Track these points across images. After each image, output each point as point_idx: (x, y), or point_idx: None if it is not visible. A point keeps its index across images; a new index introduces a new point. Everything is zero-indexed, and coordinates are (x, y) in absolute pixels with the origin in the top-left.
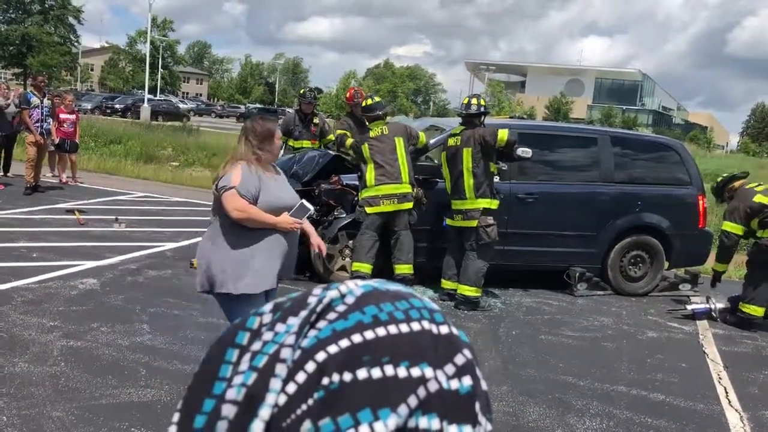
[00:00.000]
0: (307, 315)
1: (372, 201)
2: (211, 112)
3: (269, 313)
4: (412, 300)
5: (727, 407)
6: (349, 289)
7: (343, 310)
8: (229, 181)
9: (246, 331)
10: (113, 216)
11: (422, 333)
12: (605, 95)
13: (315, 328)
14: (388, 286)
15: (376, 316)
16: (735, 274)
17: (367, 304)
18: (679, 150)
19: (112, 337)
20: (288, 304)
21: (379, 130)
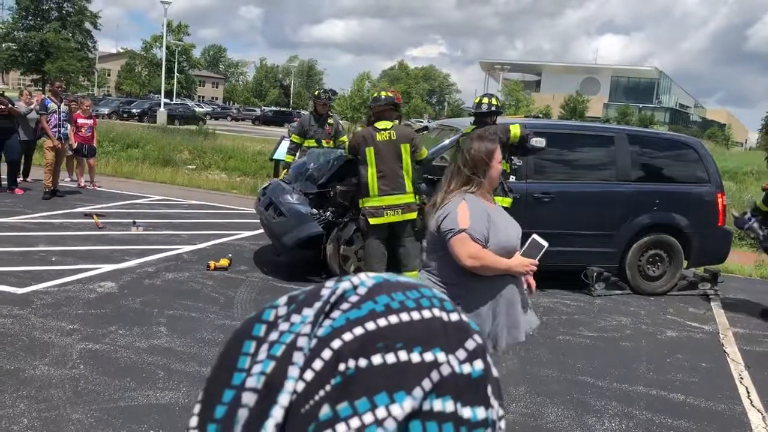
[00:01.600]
0: (321, 306)
1: (375, 212)
2: (227, 115)
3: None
4: (422, 290)
5: (749, 407)
6: (361, 280)
7: (356, 300)
8: (457, 223)
9: (262, 324)
10: (131, 219)
11: (433, 320)
12: (621, 93)
13: (329, 317)
14: (399, 278)
15: (388, 305)
16: (756, 273)
17: (379, 294)
18: (697, 147)
19: (131, 339)
20: (302, 297)
21: (387, 135)
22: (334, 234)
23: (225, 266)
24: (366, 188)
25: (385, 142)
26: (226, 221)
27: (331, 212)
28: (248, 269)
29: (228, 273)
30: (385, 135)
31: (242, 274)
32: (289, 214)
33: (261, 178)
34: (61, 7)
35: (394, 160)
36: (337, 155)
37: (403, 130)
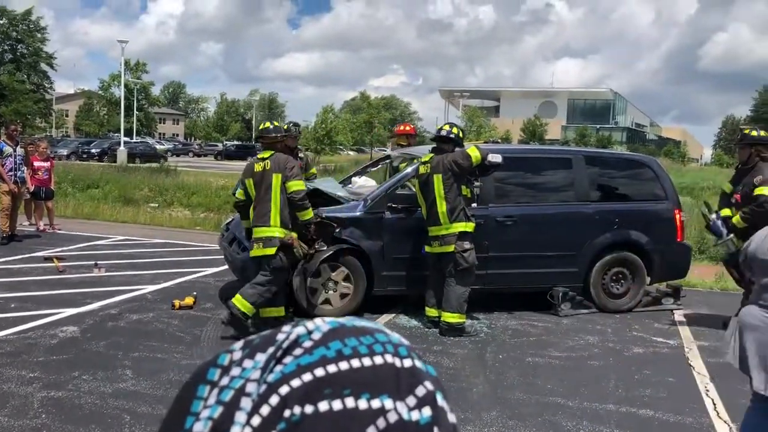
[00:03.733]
0: (274, 351)
1: (253, 243)
2: (188, 151)
3: (239, 350)
4: (378, 335)
5: (716, 419)
6: (316, 325)
7: (309, 345)
8: None
9: (217, 368)
10: (92, 261)
11: (384, 366)
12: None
13: (281, 363)
14: (356, 322)
15: (339, 351)
16: (716, 286)
17: (333, 339)
18: (653, 166)
19: (95, 384)
20: (257, 341)
21: (262, 165)
22: (301, 267)
23: (190, 305)
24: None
25: (259, 173)
26: (190, 259)
27: None
28: (214, 306)
29: (193, 311)
30: (260, 165)
31: (208, 311)
32: None
33: (225, 214)
34: (15, 49)
35: (265, 191)
36: None
37: (279, 160)
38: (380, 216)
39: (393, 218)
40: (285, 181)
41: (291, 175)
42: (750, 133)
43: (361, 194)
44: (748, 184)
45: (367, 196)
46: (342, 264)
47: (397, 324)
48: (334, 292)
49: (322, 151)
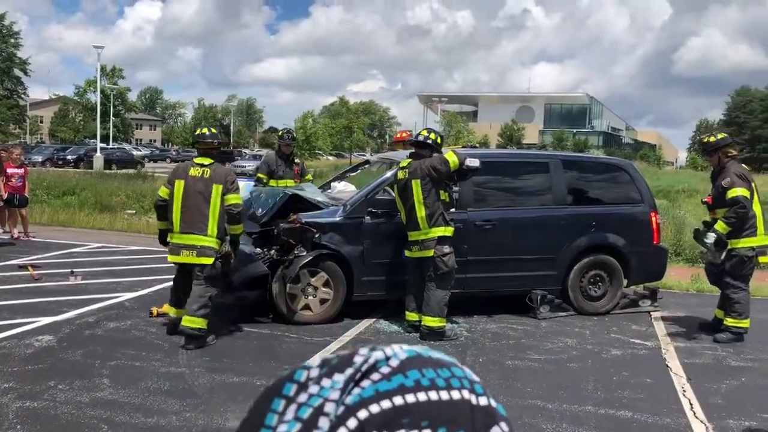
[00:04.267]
0: (353, 373)
1: (174, 249)
2: (166, 157)
3: (316, 368)
4: (454, 369)
5: (693, 419)
6: (394, 352)
7: (387, 372)
8: None
9: (293, 383)
10: (68, 269)
11: (462, 402)
12: (556, 120)
13: (359, 386)
14: (431, 353)
15: (418, 381)
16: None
17: (411, 368)
18: (629, 169)
19: (71, 394)
20: (335, 361)
21: (201, 171)
22: (280, 272)
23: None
24: (171, 222)
25: (197, 178)
26: (168, 266)
27: (275, 251)
28: None
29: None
30: (198, 171)
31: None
32: None
33: None
34: None
35: (201, 199)
36: (280, 193)
37: (221, 172)
38: (360, 221)
39: (373, 223)
40: (225, 193)
41: (231, 188)
42: (709, 140)
43: (340, 199)
44: (716, 186)
45: (346, 201)
46: (322, 269)
47: (377, 329)
48: (313, 298)
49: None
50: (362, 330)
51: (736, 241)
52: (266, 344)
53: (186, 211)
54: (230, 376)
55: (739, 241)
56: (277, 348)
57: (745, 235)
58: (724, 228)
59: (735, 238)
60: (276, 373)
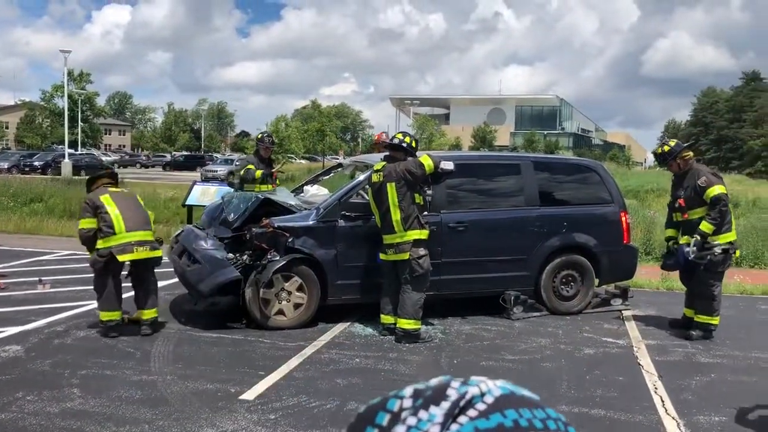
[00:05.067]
0: (451, 408)
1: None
2: (135, 162)
3: (410, 398)
4: (548, 410)
5: (665, 416)
6: (488, 388)
7: (484, 409)
8: None
9: (387, 413)
10: (36, 277)
11: None
12: (527, 122)
13: (457, 422)
14: (524, 392)
15: (516, 422)
16: (663, 286)
17: (507, 407)
18: (599, 170)
19: (40, 405)
20: (429, 393)
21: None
22: (253, 278)
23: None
24: (112, 228)
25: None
26: None
27: (248, 256)
28: (164, 320)
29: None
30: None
31: (158, 326)
32: (204, 260)
33: (174, 225)
34: None
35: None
36: (252, 198)
37: None
38: (333, 224)
39: (346, 226)
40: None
41: None
42: (663, 150)
43: (313, 203)
44: (690, 187)
45: (319, 205)
46: (295, 274)
47: (352, 332)
48: (287, 303)
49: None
50: (337, 334)
51: (715, 237)
52: (240, 350)
53: (126, 211)
54: (203, 383)
55: (718, 237)
56: (251, 354)
57: (724, 231)
58: (709, 228)
59: (714, 234)
60: (251, 380)
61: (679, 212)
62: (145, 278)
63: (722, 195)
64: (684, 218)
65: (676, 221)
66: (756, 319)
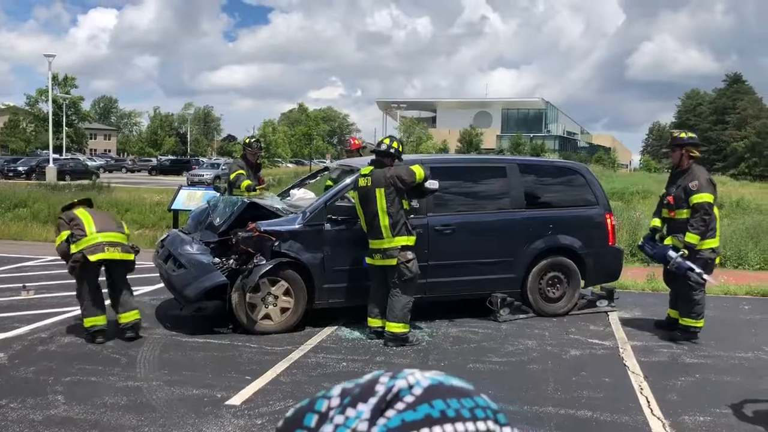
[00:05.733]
0: (377, 403)
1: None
2: (121, 167)
3: (337, 397)
4: (477, 399)
5: (650, 416)
6: (416, 380)
7: (412, 401)
8: None
9: (314, 414)
10: (20, 284)
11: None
12: (513, 125)
13: (384, 416)
14: (453, 381)
15: (443, 412)
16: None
17: (435, 397)
18: (584, 172)
19: (24, 412)
20: (357, 390)
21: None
22: (239, 282)
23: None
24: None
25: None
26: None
27: (234, 260)
28: (150, 326)
29: None
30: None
31: (144, 331)
32: (190, 264)
33: (160, 230)
34: None
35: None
36: (238, 202)
37: None
38: (320, 228)
39: (333, 230)
40: None
41: None
42: (680, 135)
43: (299, 207)
44: (682, 186)
45: (306, 209)
46: (282, 278)
47: (339, 336)
48: (274, 307)
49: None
50: (324, 338)
51: (699, 244)
52: (226, 355)
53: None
54: (189, 388)
55: (702, 243)
56: (238, 358)
57: (707, 237)
58: (695, 239)
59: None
60: (238, 385)
61: (666, 209)
62: (119, 283)
63: (705, 204)
64: (671, 216)
65: (664, 217)
66: (740, 319)
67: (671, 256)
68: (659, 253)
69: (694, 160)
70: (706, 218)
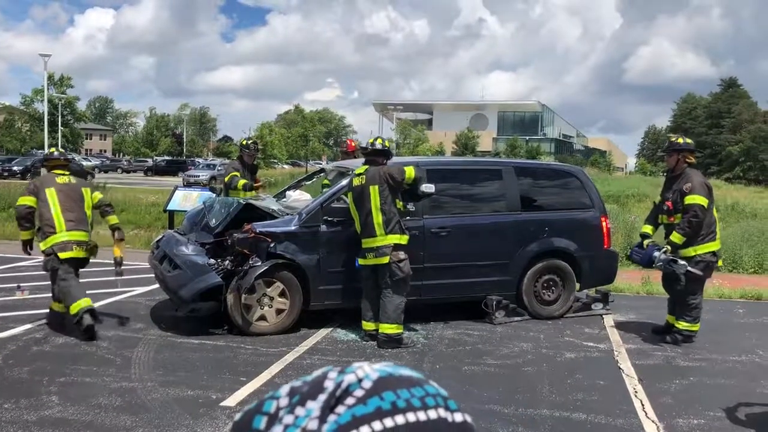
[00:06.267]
0: (327, 399)
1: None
2: (117, 167)
3: (286, 397)
4: (427, 387)
5: (645, 419)
6: (365, 373)
7: (361, 395)
8: None
9: (263, 415)
10: (15, 284)
11: (438, 421)
12: (509, 127)
13: (334, 412)
14: (402, 371)
15: (394, 403)
16: (643, 290)
17: (385, 389)
18: (579, 175)
19: (17, 413)
20: (305, 388)
21: (65, 179)
22: (234, 283)
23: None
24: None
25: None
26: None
27: (229, 261)
28: (145, 327)
29: (123, 332)
30: (64, 179)
31: (139, 332)
32: (185, 265)
33: (156, 231)
34: None
35: (78, 200)
36: (234, 203)
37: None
38: (316, 230)
39: (328, 232)
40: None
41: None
42: (677, 140)
43: (295, 208)
44: (677, 191)
45: (301, 210)
46: (277, 279)
47: (334, 338)
48: (269, 308)
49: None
50: (319, 339)
51: (700, 247)
52: (221, 356)
53: (67, 211)
54: (184, 389)
55: (703, 246)
56: (233, 360)
57: (708, 240)
58: (679, 239)
59: (696, 244)
60: (233, 386)
61: (665, 215)
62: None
63: (696, 206)
64: (670, 221)
65: (661, 223)
66: (734, 322)
67: (656, 256)
68: (645, 256)
69: (688, 165)
70: (694, 220)
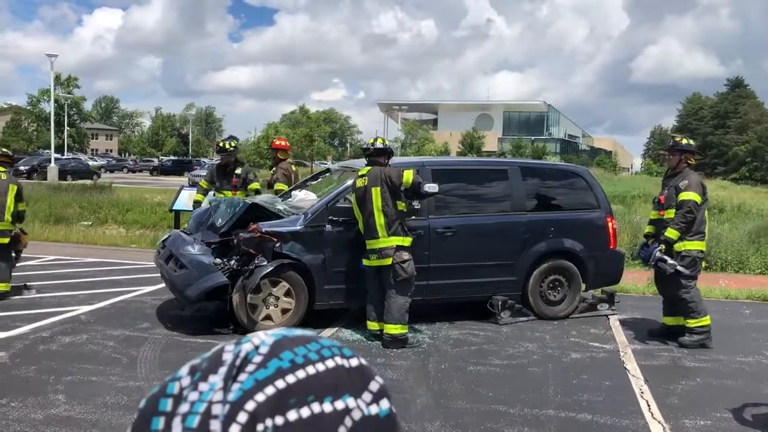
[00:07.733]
0: (228, 370)
1: None
2: (122, 167)
3: (187, 376)
4: (321, 340)
5: (651, 420)
6: (261, 339)
7: (260, 360)
8: None
9: (168, 398)
10: (22, 283)
11: (337, 368)
12: (514, 127)
13: (237, 381)
14: (295, 332)
15: (293, 360)
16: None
17: (282, 350)
18: (585, 176)
19: (24, 411)
20: (205, 364)
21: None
22: (240, 283)
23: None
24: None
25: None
26: (126, 277)
27: (235, 261)
28: (151, 326)
29: (130, 332)
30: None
31: (145, 331)
32: (191, 265)
33: (162, 230)
34: None
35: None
36: (239, 203)
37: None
38: (321, 229)
39: (334, 231)
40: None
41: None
42: (681, 141)
43: (301, 208)
44: (673, 187)
45: (307, 210)
46: (283, 279)
47: (339, 338)
48: (275, 308)
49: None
50: None
51: (688, 243)
52: None
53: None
54: None
55: (692, 242)
56: None
57: (696, 238)
58: (674, 234)
59: (685, 240)
60: None
61: (657, 209)
62: None
63: (690, 202)
64: (660, 215)
65: (653, 218)
66: (741, 323)
67: (655, 255)
68: (647, 254)
69: (688, 166)
70: (688, 216)
